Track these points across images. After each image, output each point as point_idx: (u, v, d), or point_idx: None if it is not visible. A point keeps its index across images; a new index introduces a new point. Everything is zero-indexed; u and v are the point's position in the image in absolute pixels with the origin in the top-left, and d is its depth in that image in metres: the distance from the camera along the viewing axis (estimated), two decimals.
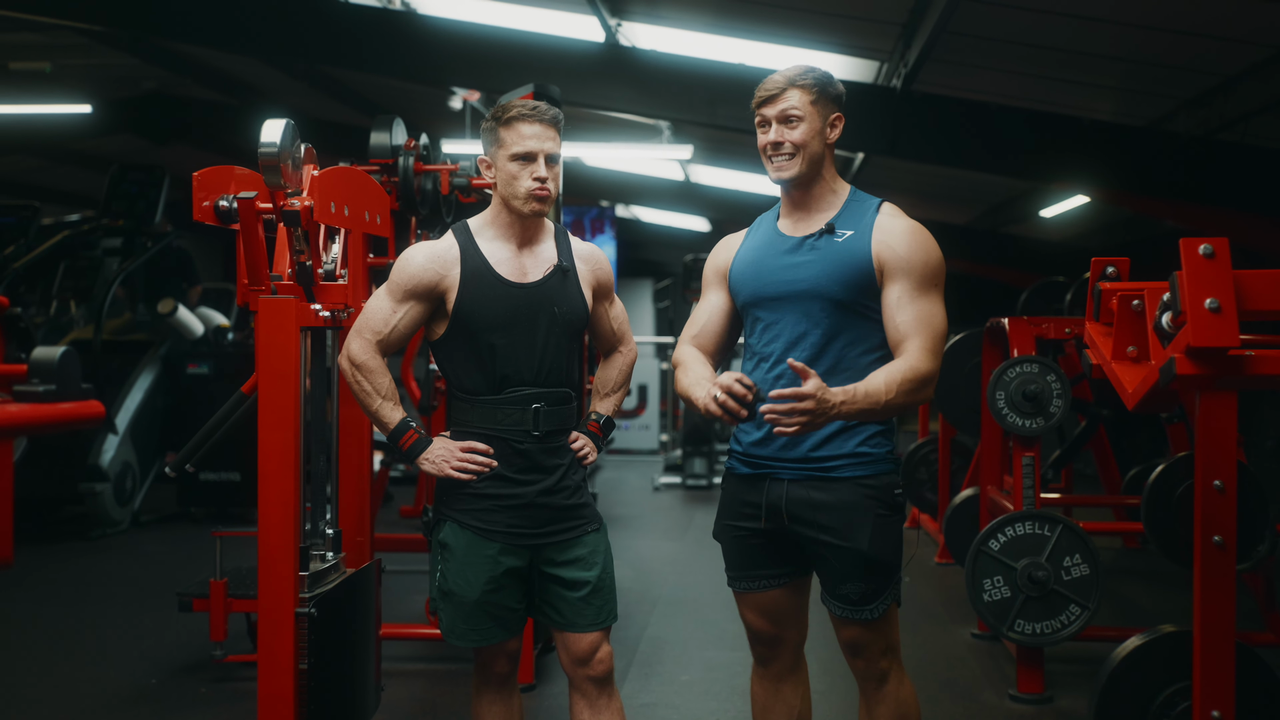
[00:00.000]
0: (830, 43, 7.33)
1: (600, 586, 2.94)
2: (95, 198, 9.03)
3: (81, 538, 7.47)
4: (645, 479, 11.13)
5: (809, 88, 2.75)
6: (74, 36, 8.78)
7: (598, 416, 3.14)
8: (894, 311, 2.70)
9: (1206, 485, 2.94)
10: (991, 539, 4.40)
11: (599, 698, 2.94)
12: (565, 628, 2.92)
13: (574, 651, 2.92)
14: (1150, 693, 3.25)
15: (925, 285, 2.70)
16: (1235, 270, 2.61)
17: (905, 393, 2.61)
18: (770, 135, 2.77)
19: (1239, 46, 5.90)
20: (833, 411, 2.52)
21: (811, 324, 2.76)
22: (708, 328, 2.96)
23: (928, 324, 2.68)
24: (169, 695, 4.47)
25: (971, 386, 5.97)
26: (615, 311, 3.17)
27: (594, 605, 2.92)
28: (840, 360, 2.75)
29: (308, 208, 2.97)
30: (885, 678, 2.85)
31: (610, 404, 3.18)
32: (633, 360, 3.24)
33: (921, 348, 2.66)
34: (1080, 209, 10.50)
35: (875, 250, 2.72)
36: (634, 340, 3.25)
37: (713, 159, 12.02)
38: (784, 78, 2.76)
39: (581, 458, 2.99)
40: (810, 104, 2.75)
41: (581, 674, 2.93)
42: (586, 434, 3.05)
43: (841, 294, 2.73)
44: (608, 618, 2.95)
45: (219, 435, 3.84)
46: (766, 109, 2.77)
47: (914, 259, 2.71)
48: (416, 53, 7.74)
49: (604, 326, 3.17)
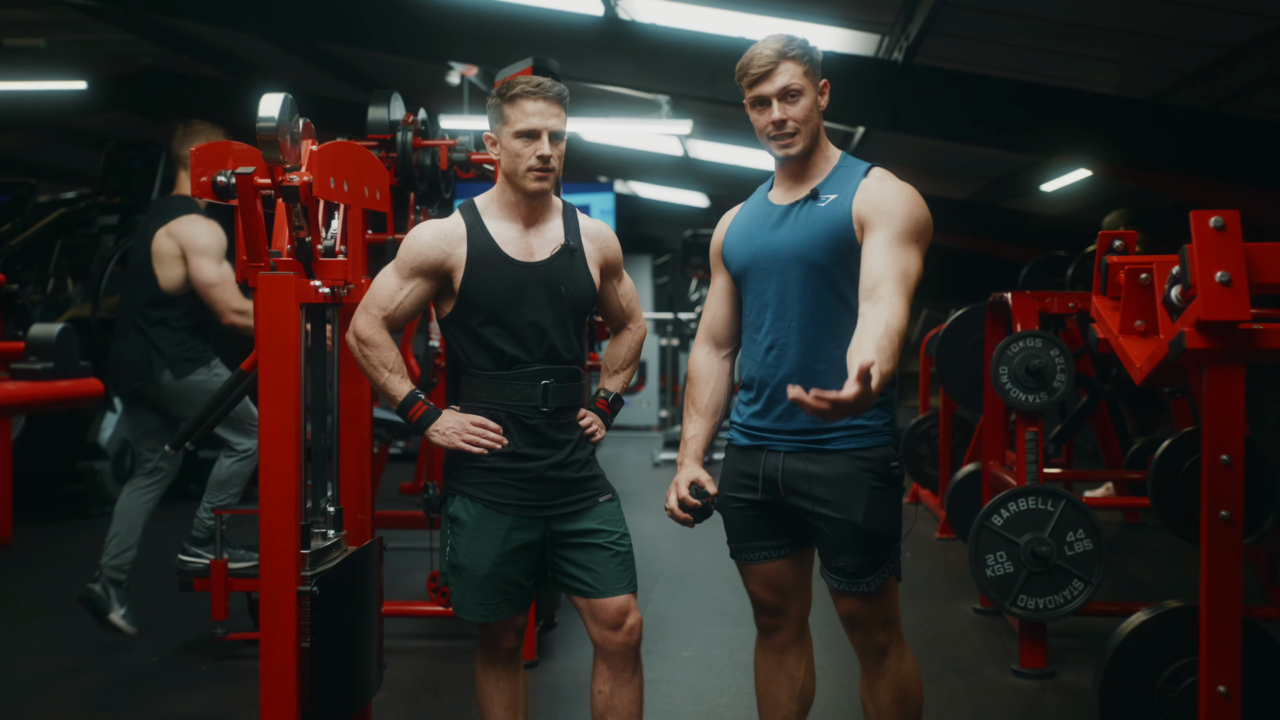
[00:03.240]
0: (831, 16, 7.28)
1: (620, 552, 2.94)
2: (91, 175, 8.98)
3: (80, 516, 7.47)
4: (645, 455, 11.12)
5: (800, 58, 2.70)
6: (69, 12, 8.72)
7: (606, 394, 3.14)
8: (868, 256, 2.60)
9: (1214, 460, 2.91)
10: (994, 514, 4.39)
11: (624, 670, 2.93)
12: (591, 594, 2.91)
13: (602, 617, 2.91)
14: (1156, 668, 3.24)
15: (904, 237, 2.61)
16: (1245, 243, 2.58)
17: (894, 354, 2.45)
18: (773, 114, 2.70)
19: (1243, 18, 5.86)
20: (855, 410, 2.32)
21: (798, 291, 2.73)
22: (718, 315, 2.97)
23: (903, 270, 2.57)
24: (170, 673, 4.47)
25: (973, 361, 5.94)
26: (624, 289, 3.16)
27: (615, 569, 2.92)
28: (829, 328, 2.71)
29: (307, 183, 2.94)
30: (885, 652, 2.84)
31: (619, 381, 3.19)
32: (642, 337, 3.23)
33: (894, 292, 2.52)
34: (1081, 183, 10.46)
35: (855, 209, 2.67)
36: (644, 317, 3.24)
37: (712, 134, 11.96)
38: (773, 50, 2.69)
39: (590, 434, 2.99)
40: (804, 75, 2.71)
41: (613, 641, 2.91)
42: (595, 411, 3.06)
43: (824, 259, 2.70)
44: (631, 582, 2.95)
45: (220, 413, 3.81)
46: (763, 86, 2.70)
47: (893, 209, 2.63)
48: (414, 27, 7.69)
49: (613, 304, 3.15)
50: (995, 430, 5.43)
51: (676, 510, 2.85)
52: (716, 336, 2.98)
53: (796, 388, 2.28)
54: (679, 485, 2.87)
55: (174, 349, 4.68)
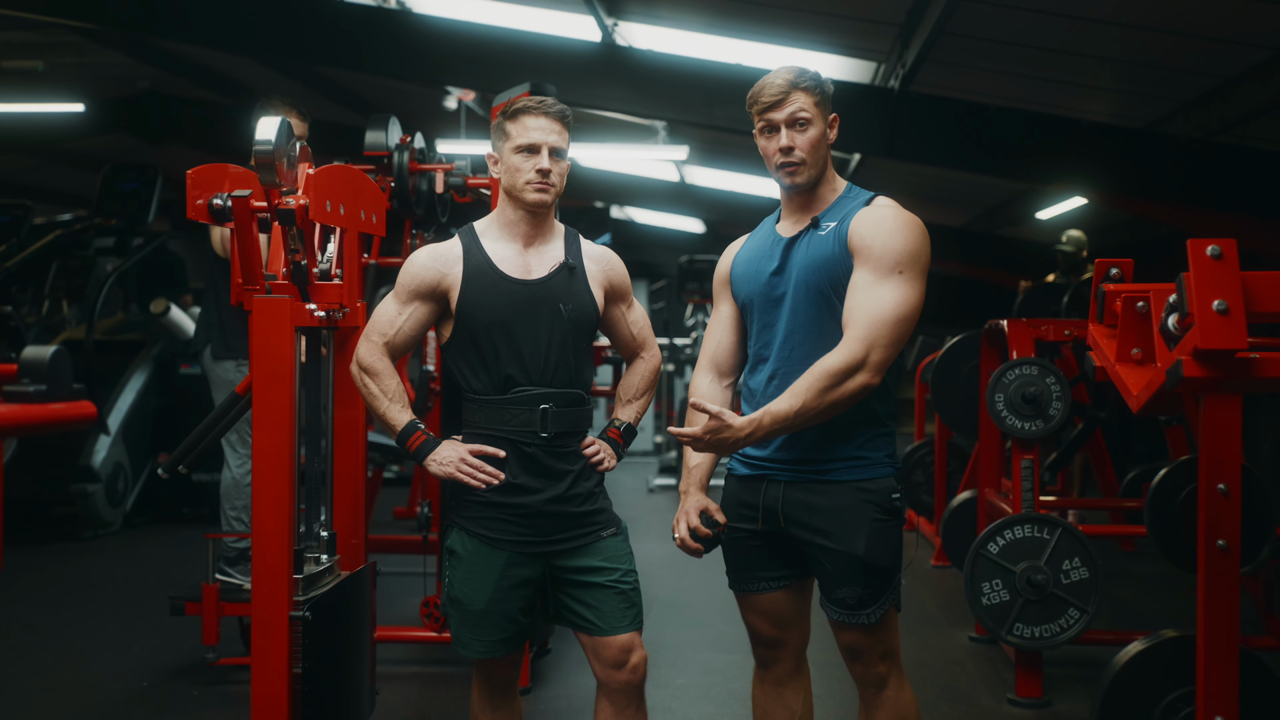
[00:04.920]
0: (828, 43, 7.30)
1: (624, 590, 2.88)
2: (88, 197, 8.97)
3: (73, 539, 7.42)
4: (640, 480, 11.10)
5: (811, 90, 2.72)
6: (67, 35, 8.73)
7: (619, 424, 3.08)
8: (849, 295, 2.66)
9: (1211, 489, 2.91)
10: (990, 542, 4.37)
11: (627, 707, 2.87)
12: (594, 632, 2.86)
13: (605, 656, 2.86)
14: (1153, 698, 3.23)
15: (885, 270, 2.63)
16: (1243, 272, 2.58)
17: (818, 393, 2.57)
18: (782, 140, 2.71)
19: (1238, 48, 5.88)
20: (739, 445, 2.62)
21: (801, 320, 2.73)
22: (722, 344, 2.96)
23: (870, 312, 2.61)
24: (161, 699, 4.44)
25: (969, 388, 5.94)
26: (634, 315, 3.12)
27: (619, 607, 2.86)
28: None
29: (303, 206, 2.94)
30: (884, 682, 2.82)
31: (633, 411, 3.11)
32: (656, 366, 3.17)
33: (854, 336, 2.60)
34: (1077, 211, 10.47)
35: (849, 238, 2.68)
36: (657, 345, 3.18)
37: (708, 160, 11.98)
38: (785, 80, 2.71)
39: (596, 463, 2.94)
40: (815, 106, 2.72)
41: (615, 680, 2.86)
42: (606, 440, 3.01)
43: (825, 287, 2.71)
44: (636, 620, 2.89)
45: (213, 437, 3.80)
46: (774, 114, 2.71)
47: (877, 243, 2.65)
48: (412, 52, 7.70)
49: (623, 331, 3.11)
50: (991, 457, 5.42)
51: (688, 540, 2.80)
52: (720, 365, 2.95)
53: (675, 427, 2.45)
54: (689, 514, 2.82)
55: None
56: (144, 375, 7.95)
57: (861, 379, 2.59)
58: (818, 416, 2.60)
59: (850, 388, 2.59)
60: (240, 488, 4.72)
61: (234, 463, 4.78)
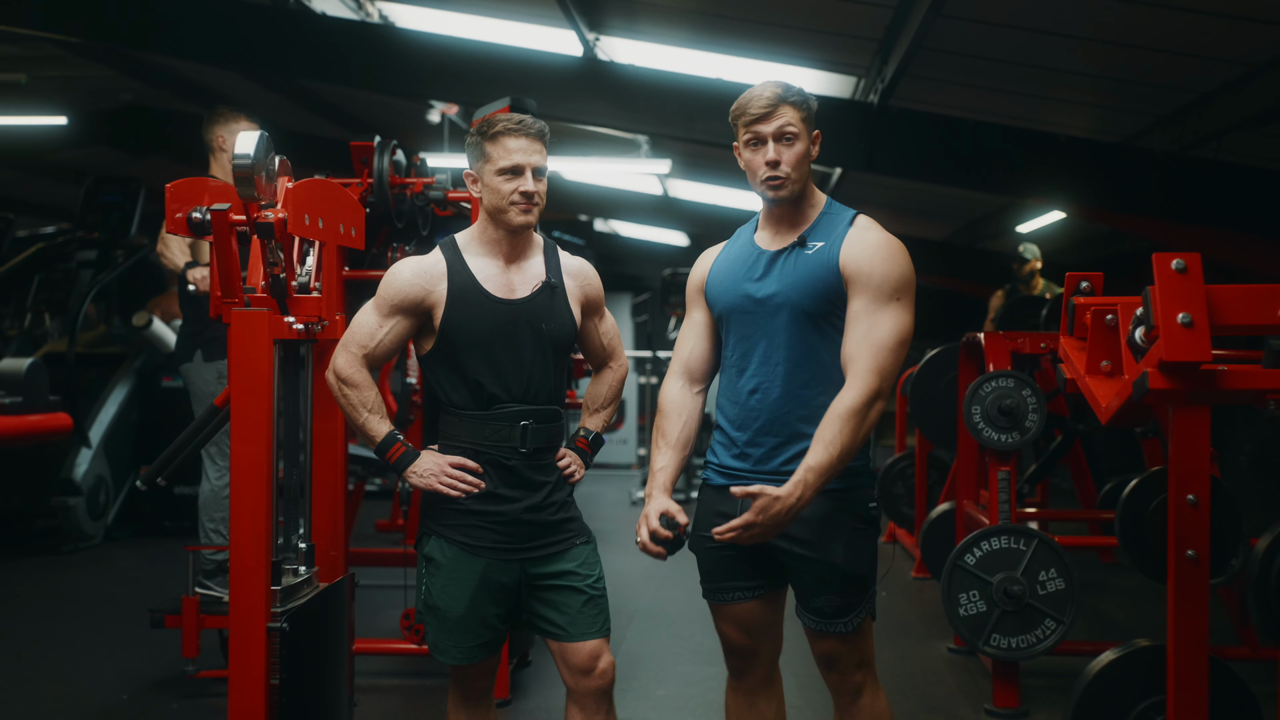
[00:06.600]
0: (807, 58, 7.35)
1: (594, 596, 2.92)
2: (71, 210, 8.97)
3: (54, 552, 7.40)
4: (623, 493, 11.11)
5: (799, 105, 2.75)
6: (50, 48, 8.72)
7: (586, 433, 3.13)
8: (849, 327, 2.72)
9: (1180, 499, 2.95)
10: (967, 553, 4.40)
11: (596, 713, 2.92)
12: (562, 638, 2.90)
13: (573, 662, 2.89)
14: (1125, 707, 3.26)
15: (884, 299, 2.70)
16: (1207, 285, 2.61)
17: (851, 433, 2.63)
18: (769, 154, 2.74)
19: (1213, 64, 5.94)
20: (794, 511, 2.62)
21: (785, 337, 2.76)
22: (695, 351, 2.97)
23: (875, 343, 2.68)
24: (140, 712, 4.43)
25: (948, 401, 5.97)
26: (605, 326, 3.16)
27: (589, 614, 2.90)
28: (816, 372, 2.75)
29: (282, 220, 2.96)
30: (860, 691, 2.85)
31: (600, 420, 3.17)
32: (623, 376, 3.22)
33: (864, 369, 2.67)
34: (1056, 224, 10.55)
35: (842, 261, 2.73)
36: (625, 356, 3.23)
37: (691, 173, 12.02)
38: (773, 94, 2.74)
39: (568, 475, 2.98)
40: (801, 121, 2.75)
41: (584, 685, 2.90)
42: (575, 450, 3.05)
43: (811, 306, 2.74)
44: (603, 627, 2.93)
45: (192, 449, 3.81)
46: (761, 126, 2.73)
47: (875, 273, 2.70)
48: (395, 66, 7.71)
49: (594, 342, 3.15)
50: (969, 469, 5.46)
51: (649, 544, 2.79)
52: (692, 372, 2.97)
53: (742, 488, 2.61)
54: (649, 518, 2.79)
55: None
56: (126, 388, 7.94)
57: (880, 406, 2.68)
58: (853, 452, 2.66)
59: (874, 418, 2.67)
60: (219, 499, 4.74)
61: (213, 474, 4.80)
